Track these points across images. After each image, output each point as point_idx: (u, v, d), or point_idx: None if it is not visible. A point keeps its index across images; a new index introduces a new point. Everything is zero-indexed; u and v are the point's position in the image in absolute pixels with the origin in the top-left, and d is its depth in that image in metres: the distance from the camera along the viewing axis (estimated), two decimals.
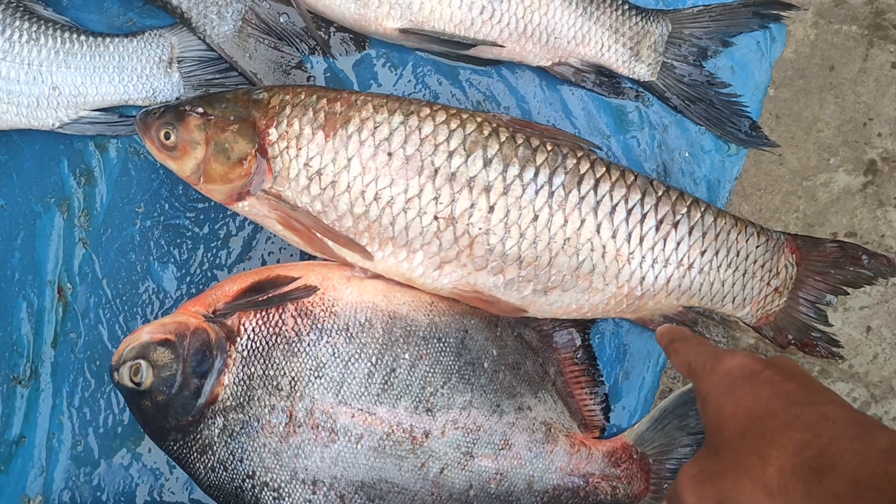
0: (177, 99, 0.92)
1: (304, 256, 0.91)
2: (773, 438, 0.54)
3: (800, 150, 1.21)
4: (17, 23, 0.88)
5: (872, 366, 1.31)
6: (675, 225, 0.85)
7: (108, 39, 0.91)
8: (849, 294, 0.92)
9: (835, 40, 1.21)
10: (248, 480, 0.82)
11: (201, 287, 0.92)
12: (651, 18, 0.92)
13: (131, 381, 0.83)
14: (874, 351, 1.31)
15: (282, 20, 0.92)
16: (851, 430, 0.52)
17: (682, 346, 0.69)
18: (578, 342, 0.90)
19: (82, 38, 0.90)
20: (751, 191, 1.26)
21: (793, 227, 1.30)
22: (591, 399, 0.89)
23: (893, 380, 1.40)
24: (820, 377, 1.36)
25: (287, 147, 0.81)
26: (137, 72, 0.92)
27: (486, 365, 0.85)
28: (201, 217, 0.93)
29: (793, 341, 0.91)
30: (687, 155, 0.94)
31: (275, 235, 0.91)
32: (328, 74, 0.94)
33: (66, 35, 0.90)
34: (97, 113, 0.92)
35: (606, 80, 0.93)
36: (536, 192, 0.82)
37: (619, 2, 0.91)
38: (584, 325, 0.90)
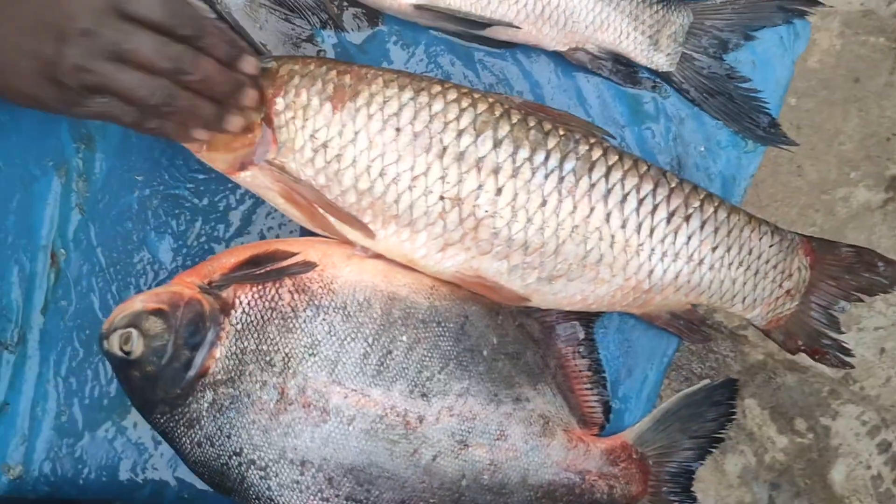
0: None
1: (305, 233, 0.89)
2: None
3: (820, 163, 1.19)
4: None
5: (885, 389, 1.28)
6: (687, 218, 0.82)
7: None
8: (863, 301, 0.89)
9: (861, 52, 1.19)
10: (234, 458, 0.79)
11: (197, 259, 0.90)
12: (672, 7, 0.89)
13: (121, 349, 0.80)
14: (887, 374, 1.28)
15: None
16: None
17: None
18: (581, 336, 0.87)
19: None
20: (767, 202, 1.23)
21: None
22: (591, 395, 0.87)
23: None
24: (830, 398, 1.33)
25: (293, 117, 0.79)
26: None
27: (485, 353, 0.82)
28: (201, 188, 0.91)
29: (803, 347, 0.89)
30: (703, 149, 0.92)
31: (275, 210, 0.89)
32: (339, 49, 0.92)
33: None
34: None
35: (623, 68, 0.91)
36: (546, 177, 0.79)
37: None
38: (589, 319, 0.87)
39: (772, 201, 1.28)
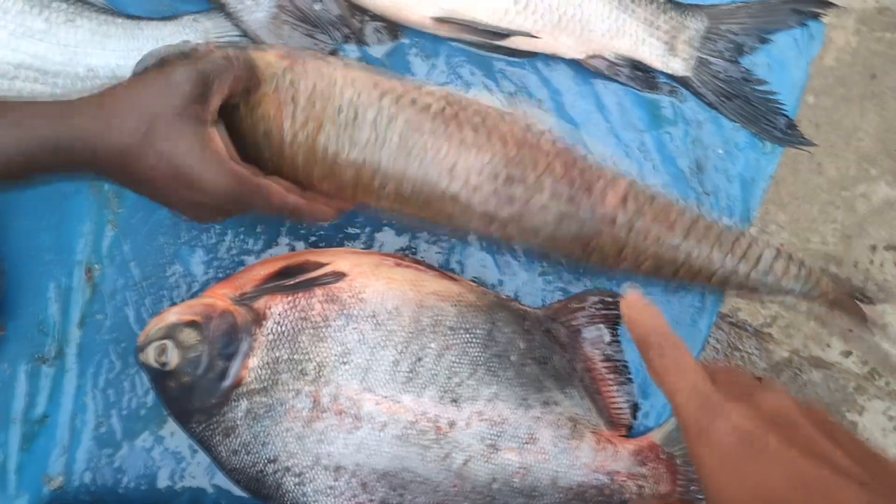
0: None
1: (333, 244, 0.91)
2: None
3: (839, 160, 1.20)
4: (55, 4, 0.89)
5: None
6: None
7: (143, 22, 0.91)
8: None
9: (877, 48, 1.20)
10: (270, 465, 0.81)
11: (229, 272, 0.92)
12: (687, 13, 0.91)
13: (157, 361, 0.82)
14: None
15: (316, 7, 0.92)
16: None
17: (659, 364, 0.55)
18: (608, 338, 0.89)
19: (119, 20, 0.91)
20: (788, 200, 1.24)
21: (830, 238, 1.28)
22: (618, 396, 0.88)
23: None
24: (856, 394, 1.33)
25: None
26: None
27: (513, 358, 0.84)
28: None
29: None
30: (721, 152, 0.93)
31: (304, 224, 0.91)
32: (361, 63, 0.94)
33: (103, 17, 0.90)
34: None
35: (641, 74, 0.92)
36: None
37: None
38: (615, 322, 0.89)
39: (793, 199, 1.29)
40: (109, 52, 0.90)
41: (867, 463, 0.49)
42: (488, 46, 0.91)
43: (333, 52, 0.93)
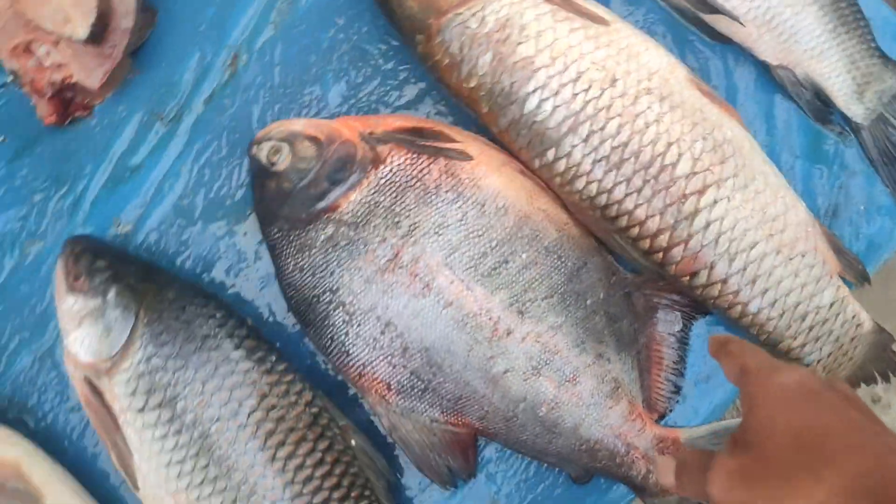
0: None
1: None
2: (832, 460, 0.51)
3: None
4: None
5: None
6: None
7: None
8: None
9: None
10: (327, 294, 0.83)
11: (361, 113, 0.93)
12: (890, 66, 0.90)
13: (267, 158, 0.84)
14: None
15: None
16: None
17: (736, 349, 0.62)
18: (678, 328, 0.88)
19: None
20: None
21: None
22: (664, 384, 0.88)
23: None
24: None
25: None
26: None
27: (588, 302, 0.84)
28: (391, 53, 0.94)
29: None
30: (862, 208, 0.92)
31: (448, 97, 0.91)
32: None
33: None
34: None
35: (820, 104, 0.91)
36: None
37: (869, 38, 0.89)
38: (692, 315, 0.89)
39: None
40: None
41: None
42: (691, 16, 0.91)
43: None
